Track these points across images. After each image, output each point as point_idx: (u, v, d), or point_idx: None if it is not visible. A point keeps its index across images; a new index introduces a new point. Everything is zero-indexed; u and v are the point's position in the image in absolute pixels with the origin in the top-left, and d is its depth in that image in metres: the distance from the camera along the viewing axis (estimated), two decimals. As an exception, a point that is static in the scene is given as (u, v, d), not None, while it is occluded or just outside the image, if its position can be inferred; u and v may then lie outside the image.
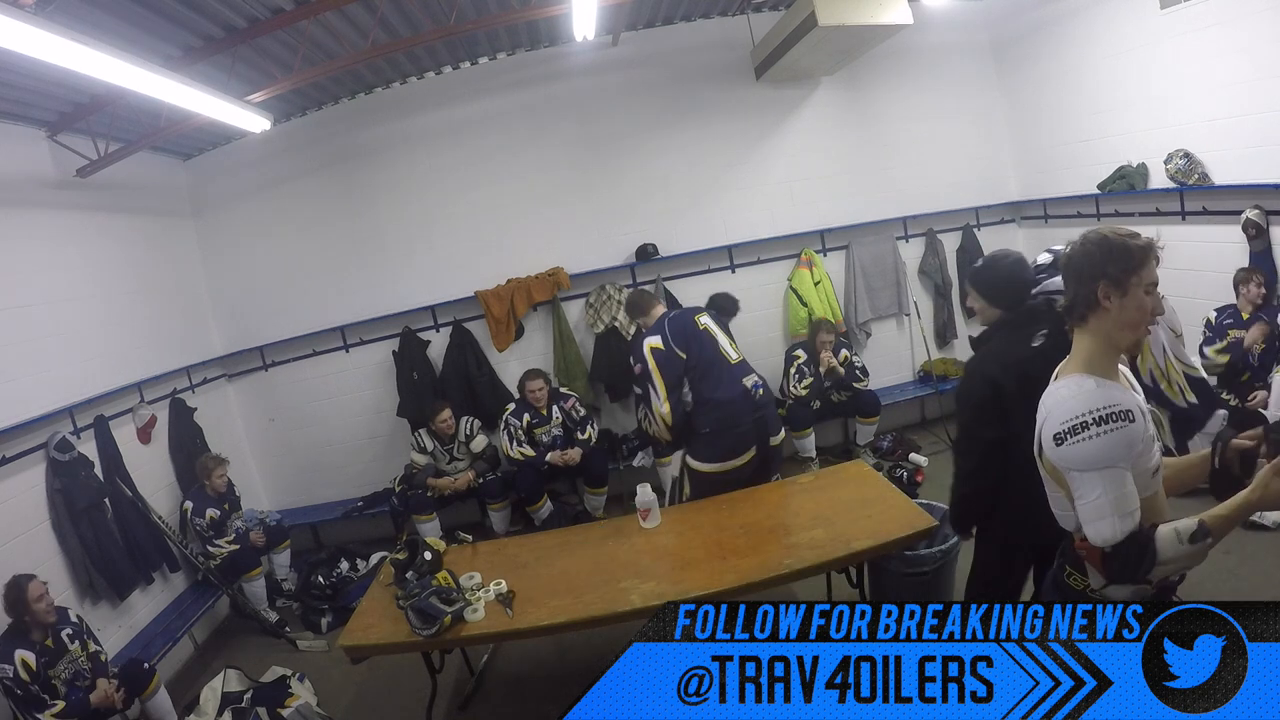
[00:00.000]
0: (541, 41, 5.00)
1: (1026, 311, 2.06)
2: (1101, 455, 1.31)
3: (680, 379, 3.22)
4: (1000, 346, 2.06)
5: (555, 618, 2.51)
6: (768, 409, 3.35)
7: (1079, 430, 1.32)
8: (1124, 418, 1.31)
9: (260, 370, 5.27)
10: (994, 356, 2.03)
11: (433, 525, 4.55)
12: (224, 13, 3.32)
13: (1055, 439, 1.35)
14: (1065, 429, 1.33)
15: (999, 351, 2.02)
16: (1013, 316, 2.09)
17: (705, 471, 3.28)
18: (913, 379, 5.64)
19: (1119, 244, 1.37)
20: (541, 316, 5.23)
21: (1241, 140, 3.73)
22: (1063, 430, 1.34)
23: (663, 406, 3.19)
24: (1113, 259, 1.37)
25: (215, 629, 4.34)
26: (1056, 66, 4.88)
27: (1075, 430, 1.32)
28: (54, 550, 3.44)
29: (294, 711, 3.05)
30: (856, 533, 2.66)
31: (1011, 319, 2.09)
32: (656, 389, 3.19)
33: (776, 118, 5.30)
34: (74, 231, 4.03)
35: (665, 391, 3.19)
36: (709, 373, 3.23)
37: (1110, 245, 1.38)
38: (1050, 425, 1.37)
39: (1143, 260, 1.37)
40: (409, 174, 5.13)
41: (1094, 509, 1.32)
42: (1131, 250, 1.37)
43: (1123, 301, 1.37)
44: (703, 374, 3.22)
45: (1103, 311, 1.39)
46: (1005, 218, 5.66)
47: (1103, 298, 1.38)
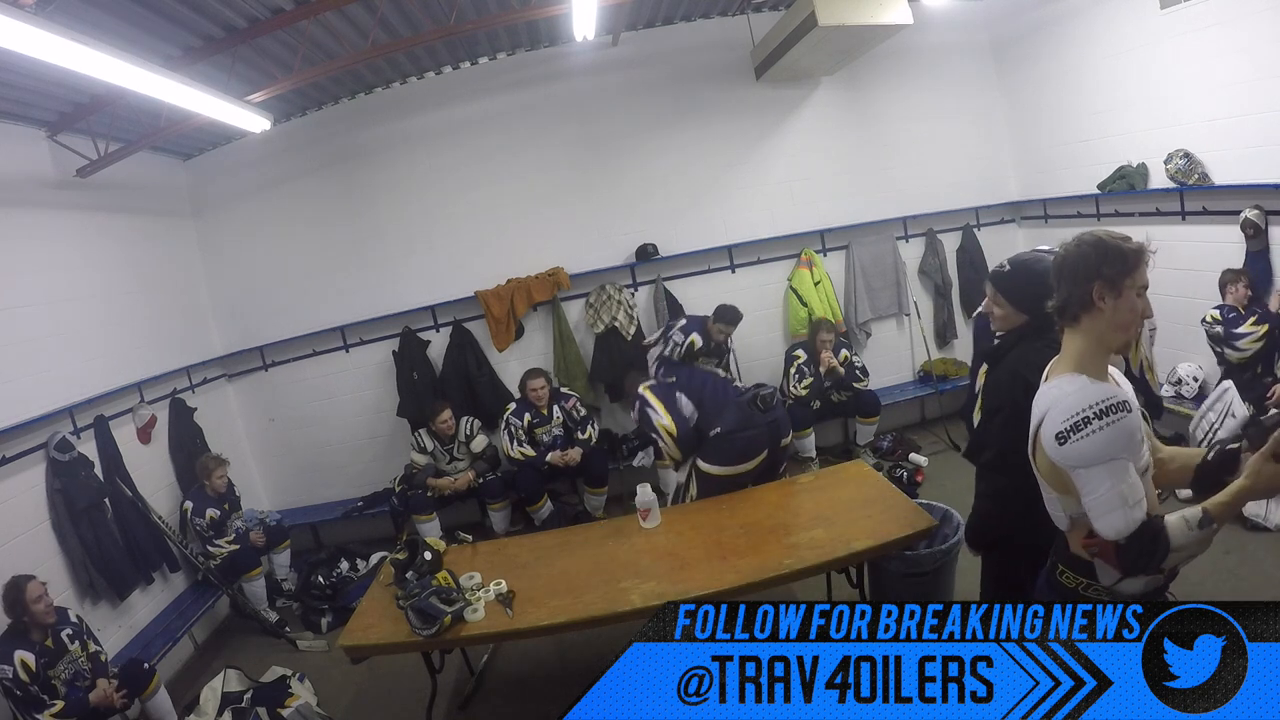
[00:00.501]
0: (541, 41, 5.00)
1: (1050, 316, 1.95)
2: (1106, 448, 1.31)
3: (674, 396, 3.36)
4: (1032, 355, 1.91)
5: (555, 618, 2.51)
6: (779, 411, 3.40)
7: (1082, 426, 1.32)
8: (1123, 409, 1.32)
9: (260, 370, 5.27)
10: (1030, 365, 1.86)
11: (433, 525, 4.55)
12: (224, 13, 3.32)
13: (1058, 438, 1.35)
14: (1068, 427, 1.33)
15: (1034, 359, 1.86)
16: (1039, 322, 1.95)
17: (716, 474, 3.28)
18: (913, 379, 5.64)
19: (1114, 246, 1.39)
20: (541, 316, 5.23)
21: (1241, 140, 3.73)
22: (1065, 428, 1.33)
23: (662, 419, 3.29)
24: (1108, 261, 1.39)
25: (215, 629, 4.34)
26: (1056, 66, 4.87)
27: (1078, 427, 1.32)
28: (54, 550, 3.44)
29: (294, 711, 3.05)
30: (856, 533, 2.67)
31: (1038, 325, 1.97)
32: (654, 408, 3.34)
33: (776, 118, 5.30)
34: (74, 231, 4.03)
35: (662, 406, 3.32)
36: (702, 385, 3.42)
37: (1106, 247, 1.40)
38: (1051, 424, 1.37)
39: (1136, 263, 1.39)
40: (409, 174, 5.13)
41: (1104, 503, 1.32)
42: (1126, 253, 1.39)
43: (1116, 303, 1.40)
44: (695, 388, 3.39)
45: (1096, 312, 1.41)
46: (1005, 218, 5.66)
47: (1097, 298, 1.40)
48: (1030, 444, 1.48)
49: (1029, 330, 2.01)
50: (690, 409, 3.32)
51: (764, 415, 3.28)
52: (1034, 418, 1.46)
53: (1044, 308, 1.92)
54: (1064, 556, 1.54)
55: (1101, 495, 1.32)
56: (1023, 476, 1.84)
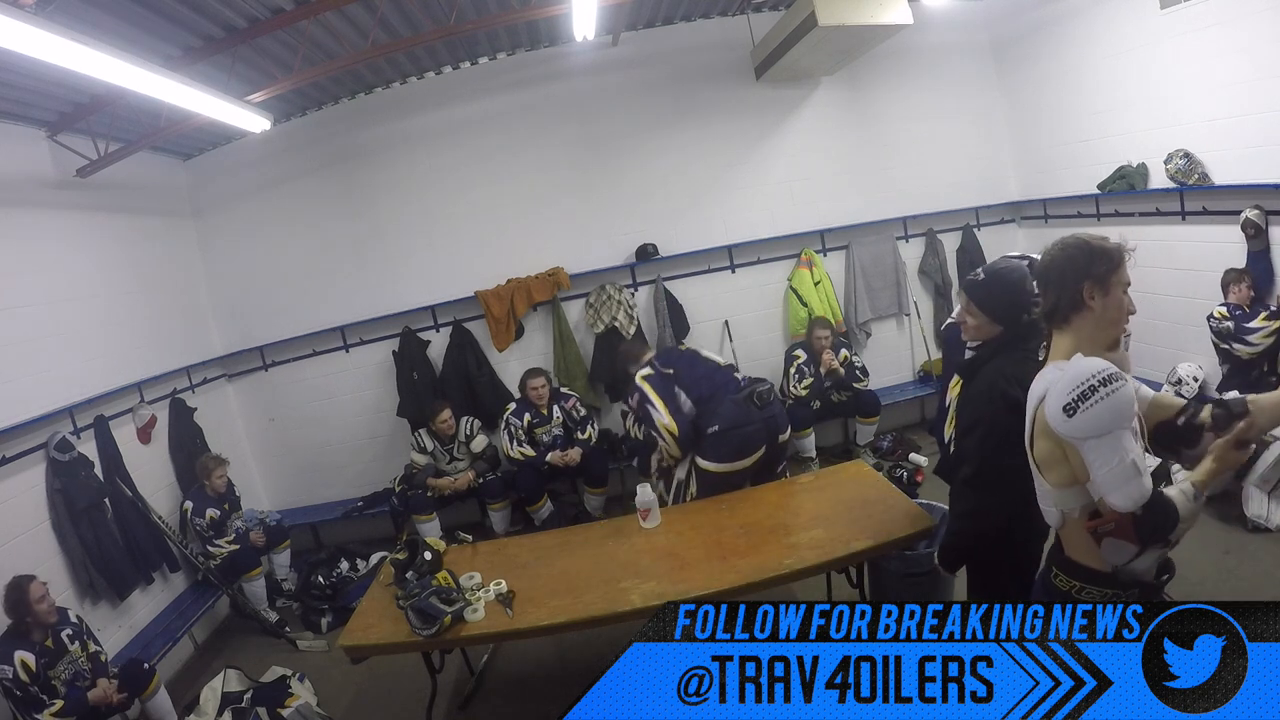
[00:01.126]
0: (541, 41, 5.00)
1: (1028, 325, 1.91)
2: (1114, 415, 1.31)
3: (674, 391, 3.31)
4: (1009, 366, 1.87)
5: (555, 618, 2.50)
6: (775, 407, 3.39)
7: (1089, 395, 1.31)
8: (1120, 378, 1.34)
9: (260, 370, 5.27)
10: (1008, 377, 1.84)
11: (433, 525, 4.55)
12: (224, 13, 3.32)
13: (1066, 410, 1.34)
14: (1074, 397, 1.33)
15: (1012, 372, 1.84)
16: (1015, 332, 1.94)
17: (716, 472, 3.28)
18: (913, 379, 5.64)
19: (1100, 246, 1.46)
20: (541, 316, 5.23)
21: (1241, 140, 3.73)
22: (1072, 399, 1.33)
23: (664, 418, 3.27)
24: (1097, 260, 1.45)
25: (215, 629, 4.34)
26: (1056, 66, 4.87)
27: (1085, 395, 1.31)
28: (54, 550, 3.44)
29: (294, 711, 3.05)
30: (856, 533, 2.66)
31: (1013, 335, 1.94)
32: (655, 405, 3.30)
33: (776, 118, 5.30)
34: (74, 231, 4.03)
35: (663, 404, 3.29)
36: (701, 380, 3.35)
37: (1093, 248, 1.46)
38: (1056, 399, 1.36)
39: (1120, 260, 1.46)
40: (409, 174, 5.13)
41: (1119, 473, 1.31)
42: (1110, 252, 1.46)
43: (1105, 300, 1.45)
44: (695, 382, 3.33)
45: (1087, 311, 1.46)
46: (1005, 218, 5.66)
47: (1088, 297, 1.45)
48: (1029, 433, 1.49)
49: (1004, 341, 1.95)
50: (689, 406, 3.30)
51: (761, 411, 3.28)
52: (1030, 404, 1.47)
53: (1020, 317, 1.92)
54: (1058, 559, 1.54)
55: (1115, 467, 1.31)
56: (1002, 491, 1.81)
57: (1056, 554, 1.56)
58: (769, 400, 3.33)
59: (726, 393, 3.34)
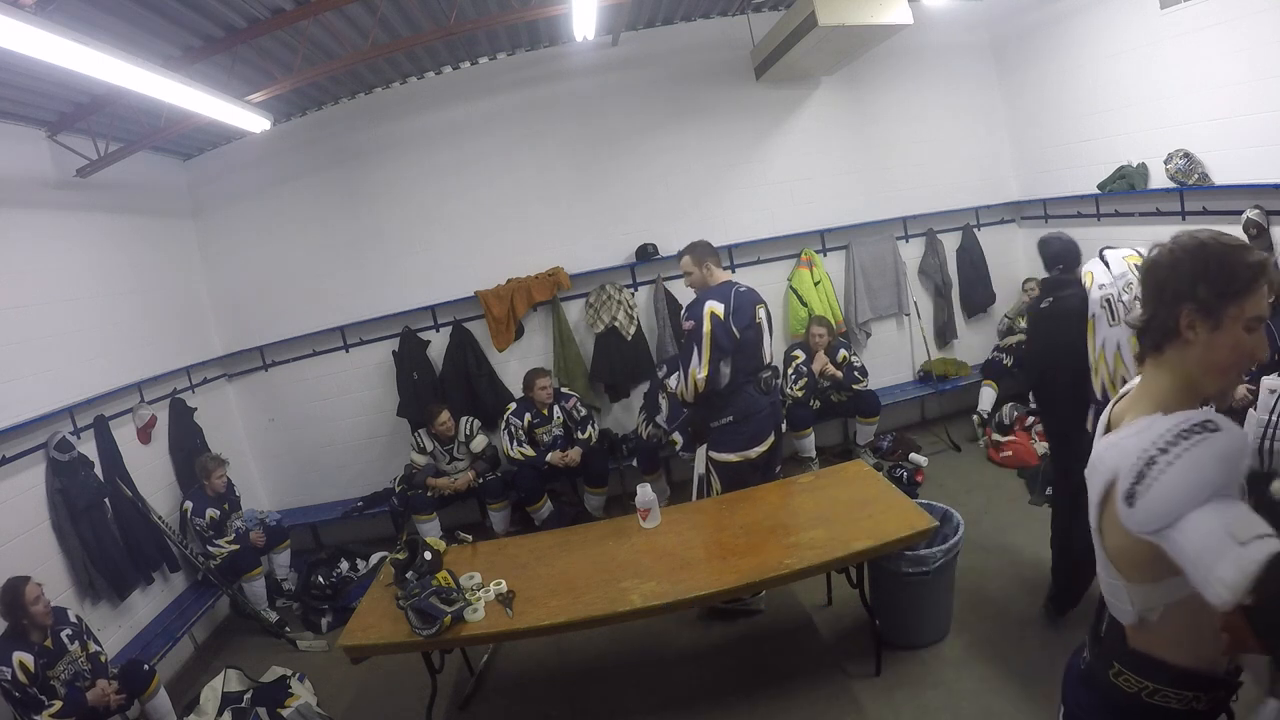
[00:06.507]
0: (541, 41, 5.00)
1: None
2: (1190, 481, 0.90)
3: (724, 355, 3.14)
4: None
5: (555, 618, 2.50)
6: (777, 395, 3.40)
7: (1149, 467, 0.94)
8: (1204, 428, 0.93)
9: (260, 370, 5.27)
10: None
11: (433, 525, 4.55)
12: (224, 13, 3.32)
13: (1127, 498, 0.96)
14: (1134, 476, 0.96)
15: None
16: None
17: (734, 461, 3.26)
18: (913, 379, 5.64)
19: (1220, 256, 1.02)
20: (541, 316, 5.23)
21: (1241, 140, 3.72)
22: (1130, 482, 0.96)
23: (700, 371, 3.10)
24: (1207, 277, 1.02)
25: (215, 629, 4.35)
26: (1056, 66, 4.87)
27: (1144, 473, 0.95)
28: (54, 550, 3.44)
29: (294, 711, 3.05)
30: (856, 533, 2.66)
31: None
32: (701, 351, 3.10)
33: (776, 118, 5.30)
34: (74, 231, 4.03)
35: (709, 356, 3.09)
36: (745, 366, 3.22)
37: (1208, 257, 1.03)
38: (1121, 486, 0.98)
39: (1250, 285, 1.00)
40: (409, 174, 5.13)
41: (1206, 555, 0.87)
42: (1236, 269, 1.01)
43: (1211, 336, 1.02)
44: (741, 365, 3.20)
45: (1183, 344, 1.05)
46: (1005, 218, 5.66)
47: (1185, 327, 1.04)
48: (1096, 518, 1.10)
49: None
50: (728, 375, 3.17)
51: (766, 398, 3.28)
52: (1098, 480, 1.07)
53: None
54: (1119, 651, 1.14)
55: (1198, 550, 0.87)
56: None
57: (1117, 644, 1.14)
58: (773, 387, 3.34)
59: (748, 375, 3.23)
